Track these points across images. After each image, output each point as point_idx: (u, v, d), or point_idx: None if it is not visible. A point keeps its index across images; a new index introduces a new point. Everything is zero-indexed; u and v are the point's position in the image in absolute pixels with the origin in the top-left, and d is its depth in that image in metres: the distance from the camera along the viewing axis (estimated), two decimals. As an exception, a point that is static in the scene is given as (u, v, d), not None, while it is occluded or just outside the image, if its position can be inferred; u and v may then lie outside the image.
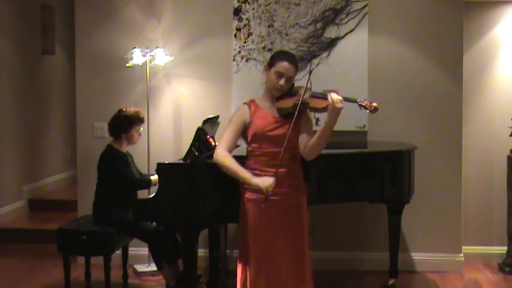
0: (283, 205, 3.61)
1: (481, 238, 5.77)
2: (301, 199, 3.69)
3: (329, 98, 3.45)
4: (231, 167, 3.61)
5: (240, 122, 3.66)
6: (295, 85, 3.75)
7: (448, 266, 5.56)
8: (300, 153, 3.64)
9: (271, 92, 3.66)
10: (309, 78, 3.57)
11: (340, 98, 3.45)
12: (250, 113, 3.65)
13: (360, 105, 3.57)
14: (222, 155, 3.62)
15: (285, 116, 3.63)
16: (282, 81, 3.60)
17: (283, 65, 3.60)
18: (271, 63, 3.66)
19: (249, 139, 3.68)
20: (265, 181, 3.49)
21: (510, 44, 5.69)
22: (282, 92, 3.65)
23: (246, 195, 3.65)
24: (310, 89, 3.65)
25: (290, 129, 3.53)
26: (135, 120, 4.95)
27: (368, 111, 3.56)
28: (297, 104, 3.55)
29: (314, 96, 3.64)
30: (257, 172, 3.60)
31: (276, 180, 3.50)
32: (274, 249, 3.59)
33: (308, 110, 3.68)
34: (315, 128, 3.76)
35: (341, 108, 3.45)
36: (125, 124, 4.93)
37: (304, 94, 3.57)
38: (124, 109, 5.00)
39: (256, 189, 3.53)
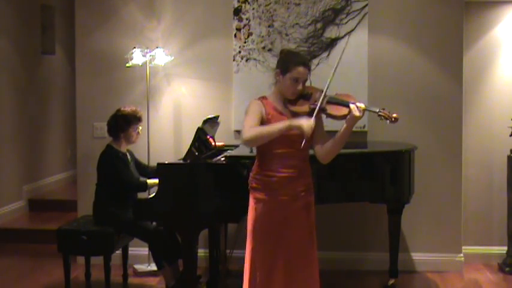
0: (294, 205, 3.60)
1: (481, 238, 5.77)
2: (310, 199, 3.68)
3: (352, 107, 3.42)
4: (265, 130, 3.45)
5: (259, 112, 3.54)
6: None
7: (448, 266, 5.56)
8: (316, 155, 3.61)
9: (286, 96, 3.58)
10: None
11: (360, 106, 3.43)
12: (266, 111, 3.56)
13: (380, 116, 3.50)
14: (249, 130, 3.44)
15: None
16: (299, 87, 3.54)
17: (300, 71, 3.51)
18: (285, 69, 3.54)
19: None
20: (306, 122, 3.38)
21: (510, 44, 5.69)
22: (297, 95, 3.59)
23: (256, 196, 3.61)
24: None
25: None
26: (132, 119, 4.94)
27: (388, 121, 3.49)
28: (314, 109, 3.49)
29: (331, 102, 3.53)
30: (270, 173, 3.56)
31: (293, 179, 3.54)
32: (284, 249, 3.57)
33: (325, 116, 3.59)
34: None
35: (361, 117, 3.44)
36: (123, 123, 4.92)
37: (321, 101, 3.48)
38: (121, 108, 5.00)
39: (299, 129, 3.40)
